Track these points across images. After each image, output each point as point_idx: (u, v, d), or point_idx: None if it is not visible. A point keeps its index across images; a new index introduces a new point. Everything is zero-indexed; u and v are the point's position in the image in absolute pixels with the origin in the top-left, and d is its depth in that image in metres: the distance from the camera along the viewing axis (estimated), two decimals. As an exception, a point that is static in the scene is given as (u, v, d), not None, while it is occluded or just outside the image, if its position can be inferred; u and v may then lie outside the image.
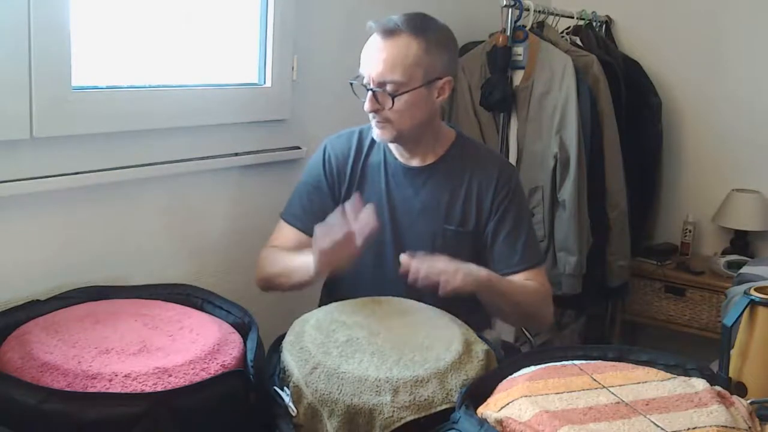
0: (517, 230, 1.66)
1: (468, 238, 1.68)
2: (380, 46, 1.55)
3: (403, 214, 1.68)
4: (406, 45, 1.54)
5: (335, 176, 1.72)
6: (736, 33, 3.02)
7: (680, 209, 3.18)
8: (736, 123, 3.06)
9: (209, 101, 1.80)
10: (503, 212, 1.66)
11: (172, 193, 1.76)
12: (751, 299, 1.29)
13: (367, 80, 1.56)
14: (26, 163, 1.43)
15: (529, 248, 1.67)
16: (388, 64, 1.53)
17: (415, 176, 1.69)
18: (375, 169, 1.71)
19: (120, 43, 1.64)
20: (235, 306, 1.47)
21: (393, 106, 1.55)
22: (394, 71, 1.53)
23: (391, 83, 1.54)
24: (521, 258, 1.65)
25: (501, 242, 1.66)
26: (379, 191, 1.69)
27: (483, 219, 1.67)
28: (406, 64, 1.53)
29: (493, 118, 2.68)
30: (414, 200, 1.68)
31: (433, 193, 1.67)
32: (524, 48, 2.61)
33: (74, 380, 1.13)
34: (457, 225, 1.67)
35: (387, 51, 1.54)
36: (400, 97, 1.55)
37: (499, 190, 1.67)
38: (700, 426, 1.02)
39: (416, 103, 1.57)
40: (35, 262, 1.49)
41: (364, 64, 1.57)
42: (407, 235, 1.67)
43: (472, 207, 1.67)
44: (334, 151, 1.73)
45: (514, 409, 1.07)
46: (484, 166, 1.69)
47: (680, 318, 2.98)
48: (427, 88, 1.58)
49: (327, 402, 1.18)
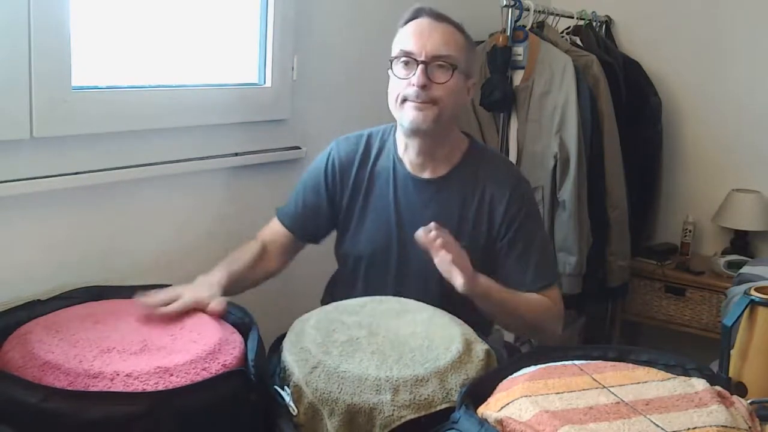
0: (529, 250, 1.61)
1: (478, 253, 1.58)
2: (434, 25, 1.53)
3: (411, 226, 1.56)
4: (454, 32, 1.55)
5: (337, 180, 1.69)
6: (736, 33, 3.02)
7: (680, 209, 3.19)
8: (736, 123, 3.06)
9: (209, 101, 1.80)
10: (516, 230, 1.60)
11: (172, 193, 1.76)
12: (751, 299, 1.29)
13: (420, 53, 1.51)
14: (26, 163, 1.43)
15: (542, 268, 1.61)
16: (446, 39, 1.52)
17: (424, 189, 1.63)
18: (383, 177, 1.66)
19: (120, 43, 1.64)
20: (235, 306, 1.47)
21: (448, 81, 1.51)
22: (449, 47, 1.52)
23: (448, 58, 1.51)
24: (534, 279, 1.60)
25: (513, 262, 1.61)
26: (386, 200, 1.65)
27: (494, 235, 1.61)
28: (458, 46, 1.54)
29: (493, 118, 2.68)
30: (423, 213, 1.60)
31: (443, 208, 1.62)
32: (524, 48, 2.62)
33: (75, 379, 1.13)
34: (468, 240, 1.58)
35: (441, 30, 1.53)
36: (455, 74, 1.52)
37: (511, 206, 1.60)
38: (700, 426, 1.02)
39: (460, 90, 1.55)
40: (36, 262, 1.49)
41: (416, 39, 1.52)
42: (416, 249, 1.54)
43: (483, 222, 1.62)
44: (339, 153, 1.70)
45: (514, 409, 1.07)
46: (497, 180, 1.62)
47: (680, 318, 2.99)
48: (465, 80, 1.58)
49: (327, 401, 1.18)
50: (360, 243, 1.68)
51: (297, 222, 1.72)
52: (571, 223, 2.55)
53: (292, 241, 1.73)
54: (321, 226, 1.75)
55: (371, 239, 1.67)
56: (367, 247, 1.67)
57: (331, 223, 1.74)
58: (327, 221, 1.74)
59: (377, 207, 1.66)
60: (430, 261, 1.46)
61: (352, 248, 1.70)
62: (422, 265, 1.53)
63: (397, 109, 1.57)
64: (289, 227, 1.71)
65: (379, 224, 1.66)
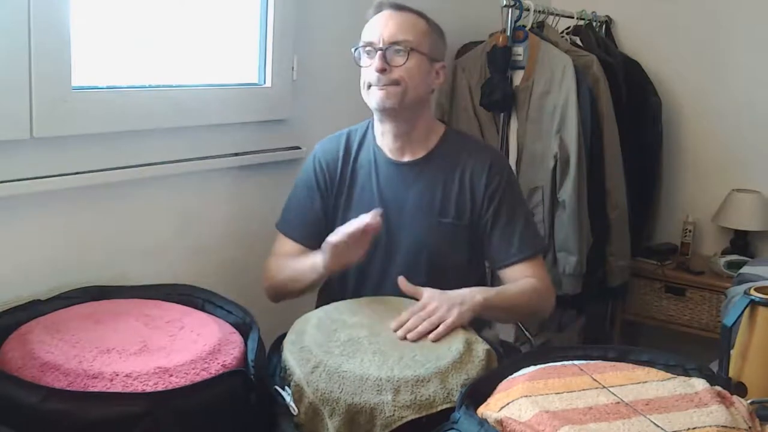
0: (513, 220, 1.66)
1: (465, 230, 1.67)
2: (392, 14, 1.63)
3: (396, 210, 1.67)
4: (415, 19, 1.64)
5: (327, 180, 1.72)
6: (736, 33, 3.02)
7: (680, 209, 3.18)
8: (736, 123, 3.06)
9: (209, 101, 1.80)
10: (498, 202, 1.66)
11: (172, 193, 1.76)
12: (751, 299, 1.29)
13: (378, 41, 1.60)
14: (26, 163, 1.43)
15: (527, 238, 1.67)
16: (402, 26, 1.61)
17: (406, 172, 1.69)
18: (365, 168, 1.71)
19: (120, 43, 1.64)
20: (235, 306, 1.47)
21: (405, 64, 1.58)
22: (406, 32, 1.60)
23: (403, 42, 1.59)
24: (519, 248, 1.65)
25: (498, 234, 1.66)
26: (370, 190, 1.69)
27: (477, 209, 1.67)
28: (416, 31, 1.62)
29: (493, 118, 2.68)
30: (406, 196, 1.68)
31: (426, 188, 1.67)
32: (524, 48, 2.61)
33: (75, 380, 1.13)
34: (453, 218, 1.66)
35: (399, 18, 1.62)
36: (412, 56, 1.59)
37: (492, 179, 1.66)
38: (700, 426, 1.02)
39: (422, 71, 1.62)
40: (36, 262, 1.49)
41: (375, 29, 1.62)
42: (400, 233, 1.67)
43: (466, 198, 1.67)
44: (323, 155, 1.74)
45: (514, 409, 1.07)
46: (475, 157, 1.69)
47: (680, 318, 2.99)
48: (430, 63, 1.64)
49: (328, 401, 1.18)
50: None
51: (304, 231, 1.72)
52: (571, 223, 2.55)
53: (305, 252, 1.72)
54: (324, 228, 1.75)
55: None
56: None
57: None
58: (327, 221, 1.74)
59: (362, 196, 1.70)
60: (416, 243, 1.62)
61: None
62: (409, 247, 1.65)
63: (366, 96, 1.65)
64: (299, 239, 1.71)
65: (364, 213, 1.67)
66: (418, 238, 1.66)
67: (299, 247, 1.71)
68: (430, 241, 1.66)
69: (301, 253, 1.69)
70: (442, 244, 1.66)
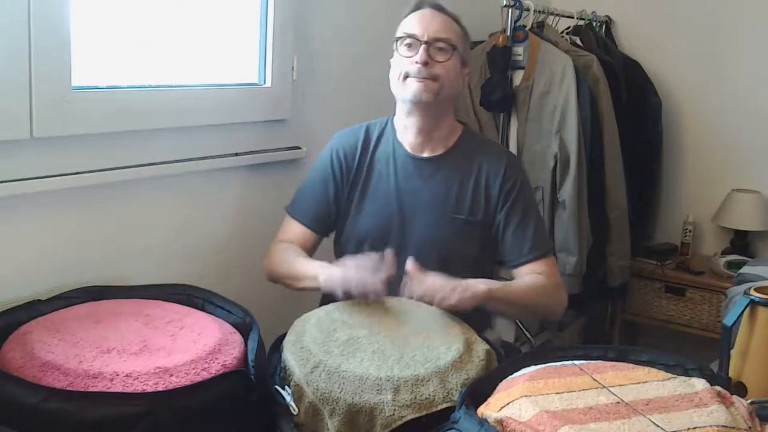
0: (526, 220, 1.70)
1: (477, 227, 1.70)
2: (434, 13, 1.67)
3: (411, 204, 1.70)
4: (454, 22, 1.69)
5: (343, 170, 1.74)
6: (736, 33, 3.02)
7: (680, 209, 3.18)
8: (736, 123, 3.06)
9: (209, 101, 1.80)
10: (513, 202, 1.70)
11: (172, 193, 1.76)
12: (751, 299, 1.29)
13: (422, 35, 1.63)
14: (26, 163, 1.43)
15: (539, 238, 1.70)
16: (444, 25, 1.66)
17: (424, 167, 1.71)
18: (383, 161, 1.74)
19: (120, 43, 1.64)
20: (235, 306, 1.47)
21: (446, 61, 1.63)
22: (449, 32, 1.66)
23: (447, 41, 1.64)
24: (532, 247, 1.68)
25: (511, 232, 1.69)
26: (387, 181, 1.72)
27: (491, 208, 1.70)
28: (456, 33, 1.68)
29: (493, 118, 2.68)
30: (423, 191, 1.70)
31: (443, 184, 1.70)
32: (524, 48, 2.61)
33: (75, 380, 1.13)
34: (467, 215, 1.69)
35: (441, 18, 1.67)
36: (454, 55, 1.64)
37: (507, 179, 1.70)
38: (700, 426, 1.02)
39: (456, 72, 1.67)
40: (36, 262, 1.49)
41: (419, 23, 1.65)
42: (415, 226, 1.69)
43: (481, 196, 1.70)
44: (342, 144, 1.76)
45: (514, 408, 1.07)
46: (492, 157, 1.73)
47: (680, 318, 2.99)
48: (462, 66, 1.70)
49: (328, 401, 1.18)
50: (361, 225, 1.73)
51: (314, 217, 1.75)
52: (571, 223, 2.55)
53: (313, 237, 1.76)
54: (334, 217, 1.78)
55: (372, 219, 1.72)
56: (369, 227, 1.72)
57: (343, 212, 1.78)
58: (339, 211, 1.77)
59: (378, 189, 1.72)
60: (428, 237, 1.65)
61: (353, 232, 1.74)
62: (421, 240, 1.67)
63: (399, 86, 1.66)
64: (308, 224, 1.75)
65: (380, 205, 1.72)
66: (431, 231, 1.68)
67: (306, 231, 1.74)
68: (443, 235, 1.68)
69: (306, 237, 1.73)
70: (454, 240, 1.68)
